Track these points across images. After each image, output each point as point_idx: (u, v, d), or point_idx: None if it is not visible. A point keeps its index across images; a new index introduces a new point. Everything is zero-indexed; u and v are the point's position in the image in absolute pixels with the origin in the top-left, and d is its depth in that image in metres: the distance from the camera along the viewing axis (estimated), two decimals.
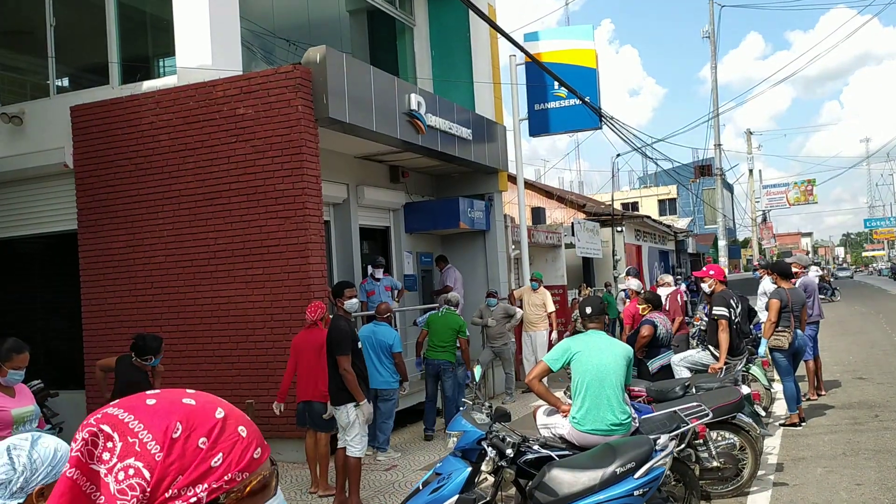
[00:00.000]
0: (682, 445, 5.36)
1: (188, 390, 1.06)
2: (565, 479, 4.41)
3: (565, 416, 5.29)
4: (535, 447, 4.95)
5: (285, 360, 7.84)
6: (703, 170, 34.77)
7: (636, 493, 4.31)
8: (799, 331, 8.77)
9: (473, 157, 11.54)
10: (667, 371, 8.48)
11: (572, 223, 19.56)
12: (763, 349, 8.68)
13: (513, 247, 14.16)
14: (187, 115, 8.44)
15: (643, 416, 5.56)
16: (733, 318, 7.96)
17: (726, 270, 30.43)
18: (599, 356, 5.19)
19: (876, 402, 9.75)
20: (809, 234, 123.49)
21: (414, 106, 9.74)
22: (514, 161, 13.82)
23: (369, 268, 10.38)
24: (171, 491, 0.94)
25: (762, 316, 10.10)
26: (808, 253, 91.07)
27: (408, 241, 12.21)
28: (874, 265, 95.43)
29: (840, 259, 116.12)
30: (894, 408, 9.34)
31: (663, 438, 4.65)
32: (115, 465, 0.94)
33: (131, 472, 0.93)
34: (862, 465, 6.94)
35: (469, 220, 12.00)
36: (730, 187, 54.36)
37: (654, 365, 8.62)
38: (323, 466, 6.90)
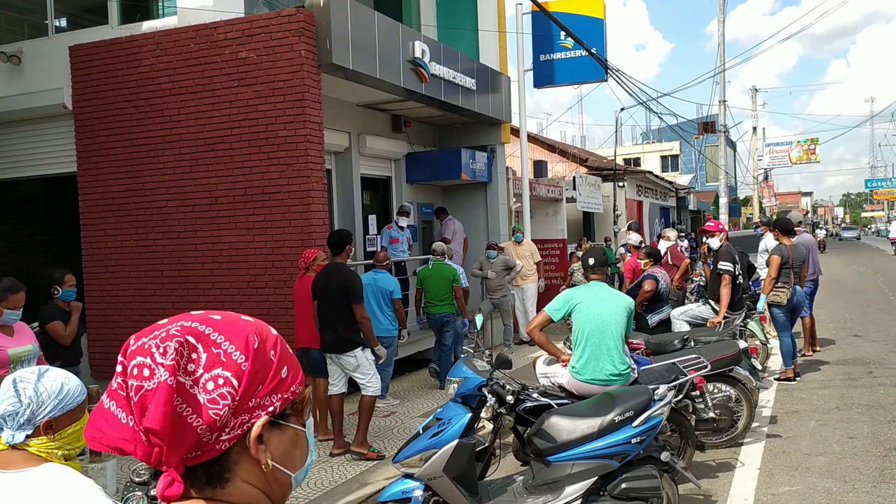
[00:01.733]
0: (680, 396, 5.42)
1: (229, 313, 1.06)
2: (564, 426, 4.46)
3: (565, 365, 5.34)
4: (535, 395, 5.01)
5: (287, 306, 7.88)
6: (707, 126, 34.48)
7: (633, 440, 4.37)
8: (798, 287, 8.80)
9: (477, 108, 11.41)
10: (665, 325, 8.53)
11: (574, 177, 19.46)
12: (762, 305, 8.72)
13: (514, 199, 14.11)
14: (188, 57, 8.31)
15: (642, 368, 5.60)
16: (736, 273, 8.00)
17: (728, 228, 30.42)
18: (601, 307, 5.21)
19: (870, 359, 9.84)
20: (810, 194, 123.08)
21: (418, 53, 9.59)
22: (518, 113, 13.68)
23: (395, 215, 10.50)
24: (254, 400, 0.96)
25: (762, 273, 10.14)
26: (807, 213, 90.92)
27: (409, 192, 12.16)
28: (873, 226, 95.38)
29: (839, 219, 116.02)
30: (888, 364, 9.44)
31: (662, 389, 4.70)
32: (201, 376, 0.94)
33: (220, 381, 0.94)
34: (855, 420, 7.04)
35: (471, 172, 11.93)
36: (733, 145, 53.97)
37: (653, 319, 8.66)
38: (322, 412, 6.99)
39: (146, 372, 0.92)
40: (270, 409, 0.97)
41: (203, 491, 0.95)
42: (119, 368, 0.95)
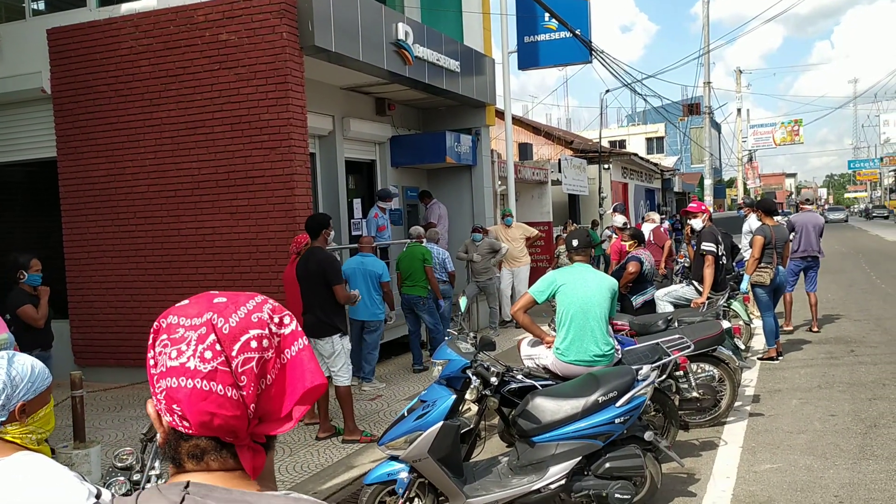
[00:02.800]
0: (664, 376, 5.45)
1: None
2: (548, 406, 4.48)
3: (549, 347, 5.36)
4: (519, 377, 5.02)
5: (271, 291, 7.85)
6: (692, 108, 34.54)
7: (617, 420, 4.40)
8: (780, 267, 8.87)
9: (461, 91, 11.36)
10: (649, 306, 8.58)
11: (559, 159, 19.47)
12: (745, 285, 8.78)
13: (499, 182, 14.10)
14: (168, 40, 8.21)
15: (626, 348, 5.64)
16: (719, 254, 8.05)
17: (712, 209, 30.57)
18: (585, 288, 5.22)
19: (852, 338, 9.95)
20: (794, 175, 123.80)
21: (401, 36, 9.52)
22: (502, 95, 13.65)
23: (379, 201, 10.46)
24: None
25: (746, 254, 10.23)
26: (790, 194, 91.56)
27: (394, 175, 12.11)
28: (856, 206, 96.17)
29: (823, 199, 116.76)
30: (870, 343, 9.55)
31: (645, 369, 4.73)
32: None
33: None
34: (836, 398, 7.12)
35: (455, 155, 11.90)
36: (717, 126, 54.14)
37: (637, 300, 8.70)
38: None
39: (266, 343, 0.96)
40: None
41: (196, 465, 0.97)
42: (209, 354, 0.94)
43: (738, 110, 50.46)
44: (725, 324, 6.64)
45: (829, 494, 4.80)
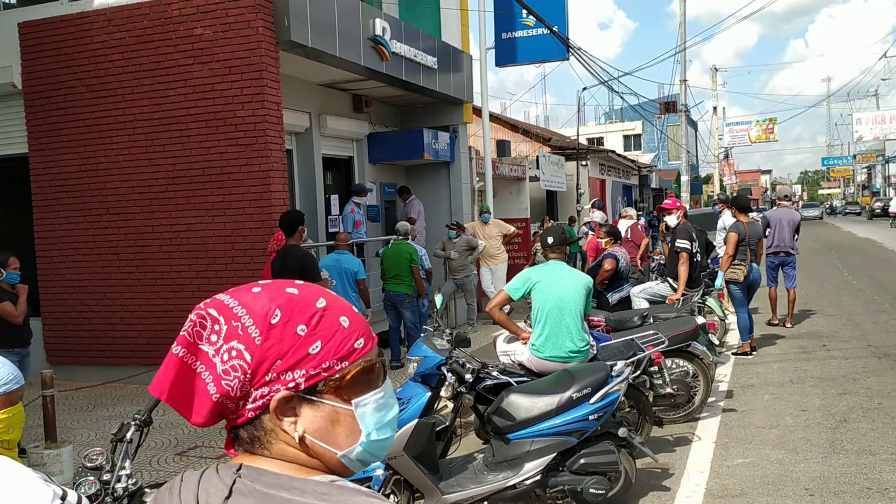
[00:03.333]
0: (638, 372, 5.48)
1: (296, 282, 1.08)
2: (523, 403, 4.50)
3: (525, 343, 5.38)
4: (495, 373, 5.04)
5: None
6: (669, 106, 34.78)
7: (591, 417, 4.42)
8: (754, 264, 8.97)
9: (438, 87, 11.35)
10: (625, 303, 8.64)
11: (537, 156, 19.52)
12: (720, 282, 8.87)
13: (477, 179, 14.11)
14: (141, 34, 8.12)
15: (601, 344, 5.67)
16: (693, 250, 8.11)
17: (688, 206, 30.84)
18: (560, 285, 5.25)
19: (824, 333, 10.09)
20: (769, 172, 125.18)
21: (379, 31, 9.49)
22: (480, 92, 13.65)
23: (354, 196, 10.45)
24: (270, 374, 0.99)
25: (720, 251, 10.33)
26: (766, 190, 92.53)
27: (371, 172, 12.08)
28: (829, 203, 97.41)
29: (797, 196, 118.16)
30: (841, 338, 9.69)
31: (619, 365, 4.75)
32: (220, 347, 1.00)
33: (234, 353, 0.99)
34: (807, 392, 7.22)
35: (433, 152, 11.89)
36: (694, 124, 54.59)
37: (613, 297, 8.76)
38: None
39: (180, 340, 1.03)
40: (291, 384, 0.99)
41: (250, 449, 1.02)
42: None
43: (714, 108, 50.92)
44: (700, 320, 6.70)
45: (800, 487, 4.87)
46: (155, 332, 8.34)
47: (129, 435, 3.08)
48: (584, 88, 38.61)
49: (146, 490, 3.04)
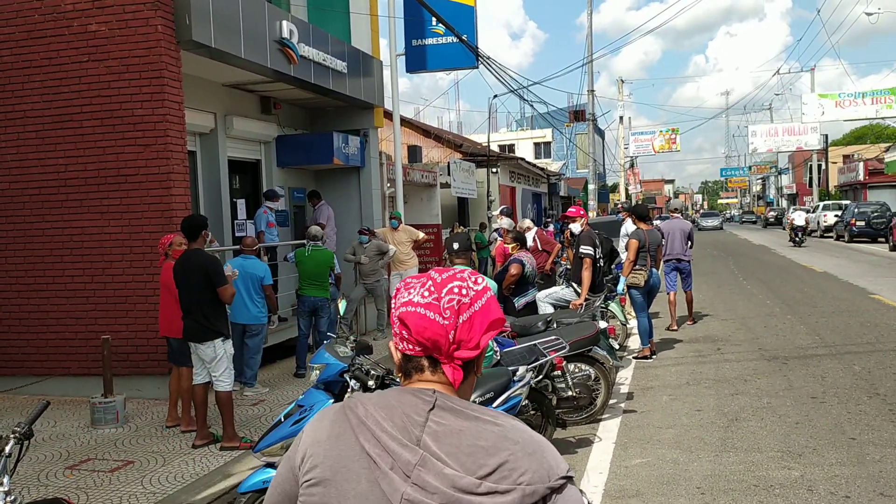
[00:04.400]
0: (540, 377, 5.59)
1: None
2: None
3: None
4: (399, 380, 5.02)
5: (146, 294, 7.54)
6: (577, 115, 35.73)
7: None
8: (654, 269, 9.29)
9: (348, 91, 11.28)
10: (532, 307, 8.77)
11: (448, 163, 19.65)
12: (621, 286, 9.14)
13: (388, 184, 14.08)
14: (32, 29, 7.74)
15: (504, 350, 5.74)
16: (597, 256, 8.33)
17: (595, 213, 31.72)
18: None
19: (719, 337, 10.55)
20: (672, 181, 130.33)
21: (286, 34, 9.35)
22: (391, 97, 13.63)
23: (266, 201, 10.27)
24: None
25: (624, 256, 10.65)
26: (668, 199, 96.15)
27: (280, 176, 11.88)
28: (727, 212, 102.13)
29: (698, 205, 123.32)
30: (735, 342, 10.15)
31: (521, 370, 4.83)
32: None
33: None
34: (703, 393, 7.53)
35: (343, 156, 11.80)
36: (601, 133, 56.20)
37: (519, 302, 8.88)
38: (185, 402, 6.74)
39: (464, 291, 1.35)
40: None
41: (465, 378, 1.37)
42: (426, 293, 1.35)
43: (621, 118, 52.57)
44: (602, 324, 6.89)
45: (693, 486, 5.06)
46: (45, 340, 7.94)
47: (7, 448, 2.90)
48: (495, 96, 39.22)
49: None
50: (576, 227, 8.72)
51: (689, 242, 11.24)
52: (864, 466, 5.26)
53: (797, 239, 28.90)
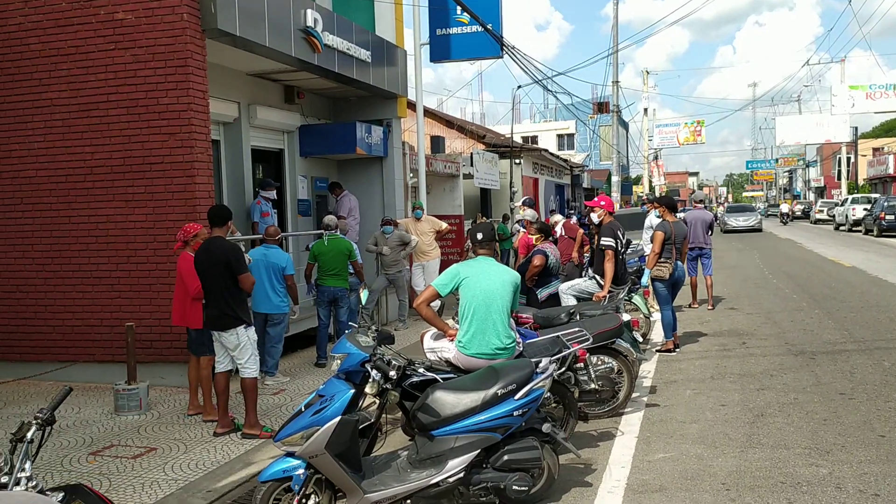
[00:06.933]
0: (563, 369, 5.55)
1: None
2: (448, 400, 4.47)
3: (451, 340, 5.36)
4: (421, 370, 5.00)
5: (169, 282, 7.58)
6: (601, 106, 35.46)
7: (516, 413, 4.43)
8: (679, 262, 9.17)
9: (372, 81, 11.24)
10: (555, 299, 8.72)
11: (471, 153, 19.58)
12: (646, 279, 9.05)
13: (410, 175, 14.06)
14: (59, 17, 7.78)
15: (527, 341, 5.70)
16: (619, 248, 8.24)
17: (619, 206, 31.46)
18: (487, 281, 5.24)
19: (744, 331, 10.41)
20: (696, 174, 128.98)
21: (310, 22, 9.33)
22: (414, 87, 13.58)
23: (260, 190, 10.19)
24: None
25: (647, 249, 10.55)
26: (692, 191, 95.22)
27: (302, 165, 11.89)
28: (755, 204, 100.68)
29: (722, 198, 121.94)
30: (760, 335, 10.01)
31: (544, 361, 4.78)
32: None
33: None
34: (727, 388, 7.43)
35: (366, 146, 11.77)
36: (625, 125, 55.76)
37: (542, 293, 8.84)
38: (206, 391, 6.77)
39: None
40: None
41: None
42: None
43: (645, 110, 52.10)
44: (625, 317, 6.81)
45: (717, 482, 4.99)
46: (70, 327, 8.02)
47: (29, 434, 2.92)
48: (519, 87, 39.07)
49: (48, 493, 2.88)
50: (594, 217, 8.62)
51: (710, 231, 12.35)
52: (894, 464, 5.16)
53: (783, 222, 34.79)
